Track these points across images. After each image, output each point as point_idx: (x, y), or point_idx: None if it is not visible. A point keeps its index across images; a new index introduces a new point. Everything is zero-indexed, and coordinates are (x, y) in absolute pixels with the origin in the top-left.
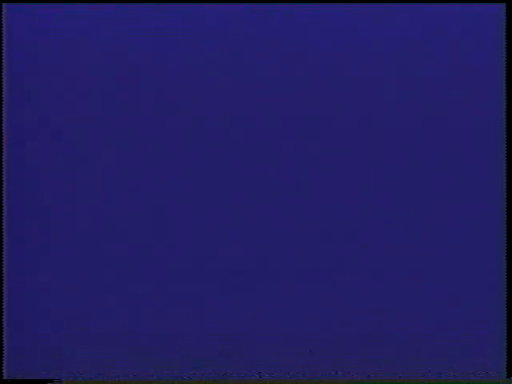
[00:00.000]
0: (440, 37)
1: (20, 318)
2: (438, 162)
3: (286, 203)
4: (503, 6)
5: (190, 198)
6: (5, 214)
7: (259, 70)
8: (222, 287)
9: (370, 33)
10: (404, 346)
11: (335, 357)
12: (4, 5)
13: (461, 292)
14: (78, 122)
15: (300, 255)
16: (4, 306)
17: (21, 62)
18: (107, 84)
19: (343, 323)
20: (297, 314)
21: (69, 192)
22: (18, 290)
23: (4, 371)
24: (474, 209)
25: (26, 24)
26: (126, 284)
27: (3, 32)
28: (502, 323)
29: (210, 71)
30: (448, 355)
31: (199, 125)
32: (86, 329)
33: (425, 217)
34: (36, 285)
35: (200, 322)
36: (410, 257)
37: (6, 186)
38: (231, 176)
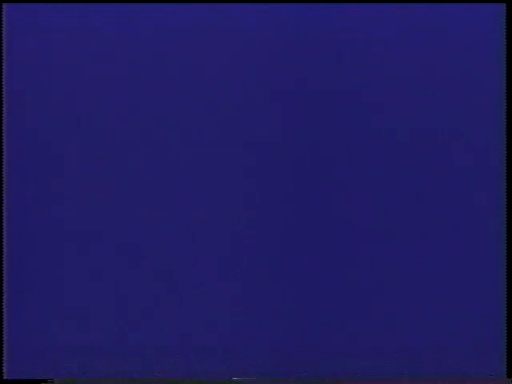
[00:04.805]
0: (439, 37)
1: (20, 317)
2: (437, 162)
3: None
4: (503, 6)
5: (191, 197)
6: (5, 214)
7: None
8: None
9: (368, 33)
10: (403, 346)
11: (342, 357)
12: (4, 5)
13: (460, 292)
14: (78, 123)
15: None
16: (4, 306)
17: (21, 62)
18: (108, 84)
19: (345, 324)
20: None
21: (69, 193)
22: (19, 290)
23: (4, 371)
24: (473, 209)
25: (26, 24)
26: (126, 284)
27: (3, 32)
28: (501, 323)
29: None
30: (447, 355)
31: (206, 123)
32: (86, 329)
33: (422, 219)
34: (36, 285)
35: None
36: (409, 257)
37: (6, 186)
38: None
